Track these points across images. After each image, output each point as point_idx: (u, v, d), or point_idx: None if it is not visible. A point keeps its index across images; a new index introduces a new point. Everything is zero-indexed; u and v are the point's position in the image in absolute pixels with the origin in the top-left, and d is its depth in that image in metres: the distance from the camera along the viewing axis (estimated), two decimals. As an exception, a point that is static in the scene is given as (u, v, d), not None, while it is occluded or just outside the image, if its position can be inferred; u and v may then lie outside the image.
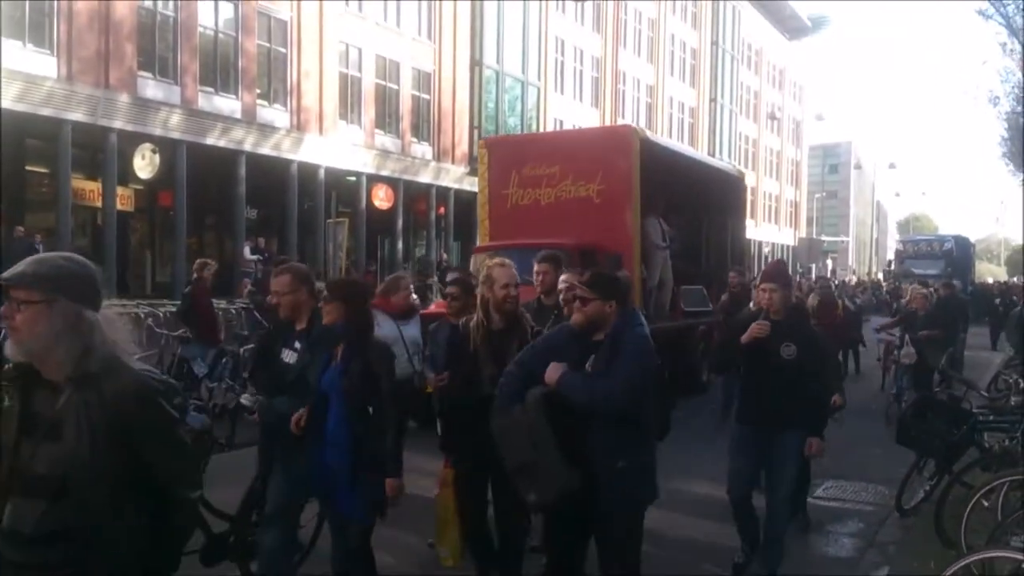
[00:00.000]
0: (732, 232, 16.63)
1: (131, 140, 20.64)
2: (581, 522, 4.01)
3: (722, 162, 28.58)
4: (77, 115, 19.04)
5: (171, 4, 21.47)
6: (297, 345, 4.86)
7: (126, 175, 20.97)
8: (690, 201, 14.89)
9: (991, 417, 7.36)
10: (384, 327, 6.20)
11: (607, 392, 3.80)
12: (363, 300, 4.67)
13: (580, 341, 4.04)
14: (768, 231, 61.56)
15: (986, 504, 5.55)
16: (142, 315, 16.67)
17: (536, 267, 6.25)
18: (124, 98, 20.11)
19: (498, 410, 4.03)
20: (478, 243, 13.88)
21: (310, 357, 4.69)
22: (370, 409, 4.34)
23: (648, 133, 15.13)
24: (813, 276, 43.40)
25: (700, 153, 33.56)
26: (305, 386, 4.58)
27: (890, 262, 46.35)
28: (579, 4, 37.50)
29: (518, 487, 3.90)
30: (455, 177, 31.10)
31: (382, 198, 28.20)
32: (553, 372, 3.88)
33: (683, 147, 29.24)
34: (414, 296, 7.71)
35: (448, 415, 5.29)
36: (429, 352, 5.58)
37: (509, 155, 13.72)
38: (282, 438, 4.68)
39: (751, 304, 5.72)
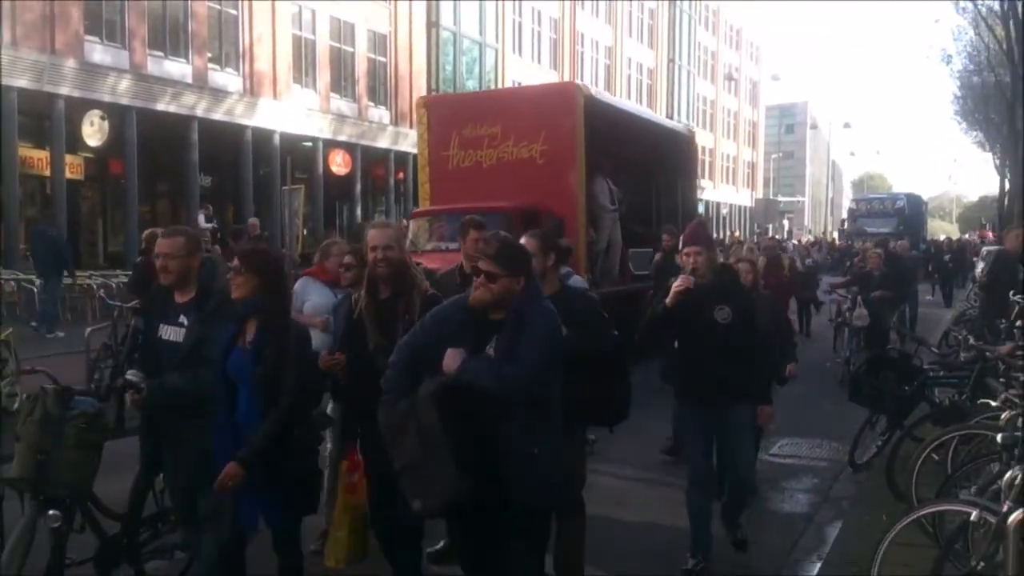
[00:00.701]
0: (683, 193, 16.35)
1: (79, 107, 20.12)
2: (492, 523, 3.63)
3: (672, 121, 28.36)
4: (22, 81, 18.50)
5: (117, -34, 20.90)
6: (183, 319, 4.30)
7: (75, 143, 20.48)
8: (639, 161, 14.62)
9: (941, 373, 7.51)
10: (317, 296, 5.91)
11: (516, 377, 3.44)
12: (279, 274, 4.25)
13: (477, 320, 3.62)
14: (726, 192, 61.95)
15: (936, 458, 5.66)
16: (95, 286, 16.50)
17: (474, 234, 5.87)
18: (71, 63, 19.58)
19: (384, 403, 3.64)
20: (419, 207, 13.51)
21: (203, 331, 4.18)
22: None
23: (593, 90, 14.56)
24: (769, 235, 43.98)
25: (649, 111, 32.98)
26: (201, 364, 4.10)
27: (843, 221, 46.80)
28: (535, -36, 37.16)
29: (403, 489, 3.54)
30: (413, 141, 30.61)
31: (339, 164, 27.89)
32: (452, 360, 3.51)
33: (631, 105, 28.43)
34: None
35: (347, 399, 4.78)
36: (333, 329, 5.01)
37: (449, 115, 13.29)
38: (174, 422, 4.23)
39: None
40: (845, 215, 48.56)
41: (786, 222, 67.59)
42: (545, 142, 12.12)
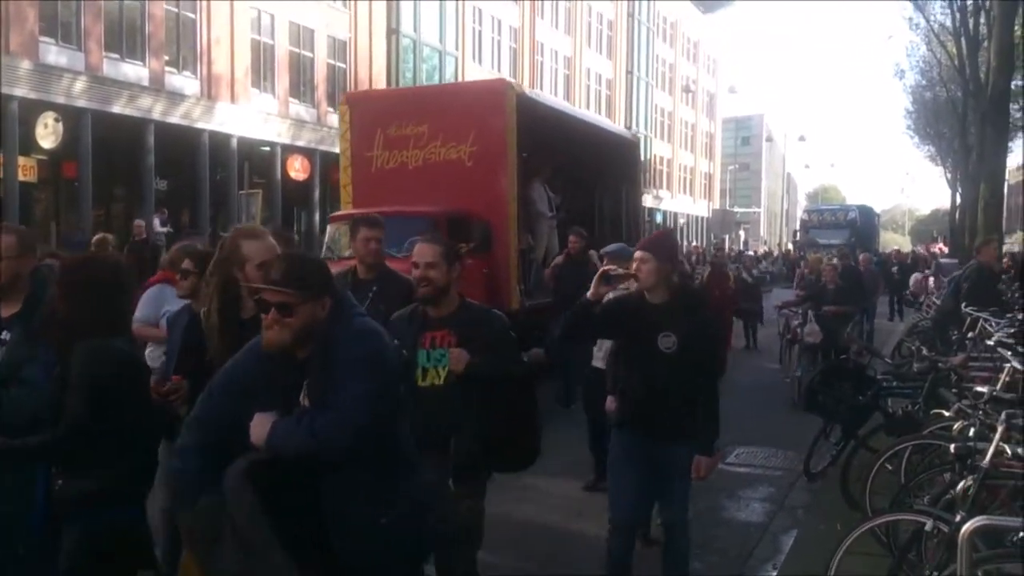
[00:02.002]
0: (628, 200, 15.63)
1: (33, 108, 19.79)
2: None
3: (616, 125, 27.96)
4: (-26, 81, 18.18)
5: (73, -34, 20.61)
6: (5, 335, 3.64)
7: (28, 145, 20.10)
8: (580, 166, 14.16)
9: (895, 383, 7.61)
10: (174, 305, 4.83)
11: (333, 428, 2.62)
12: (80, 284, 3.33)
13: (283, 365, 2.82)
14: (683, 203, 62.49)
15: (890, 468, 5.74)
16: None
17: (364, 232, 5.22)
18: (25, 64, 19.27)
19: (180, 505, 2.85)
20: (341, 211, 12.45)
21: (28, 352, 3.45)
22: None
23: (528, 89, 13.88)
24: (726, 248, 44.31)
25: (591, 114, 31.98)
26: (27, 389, 3.38)
27: (796, 232, 47.09)
28: (496, -27, 37.24)
29: None
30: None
31: (297, 169, 27.70)
32: (260, 428, 2.71)
33: (571, 107, 27.49)
34: None
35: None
36: (167, 349, 4.18)
37: (373, 113, 12.32)
38: None
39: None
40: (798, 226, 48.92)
41: (742, 233, 68.33)
42: (474, 143, 11.33)
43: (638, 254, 4.46)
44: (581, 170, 14.30)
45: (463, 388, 3.92)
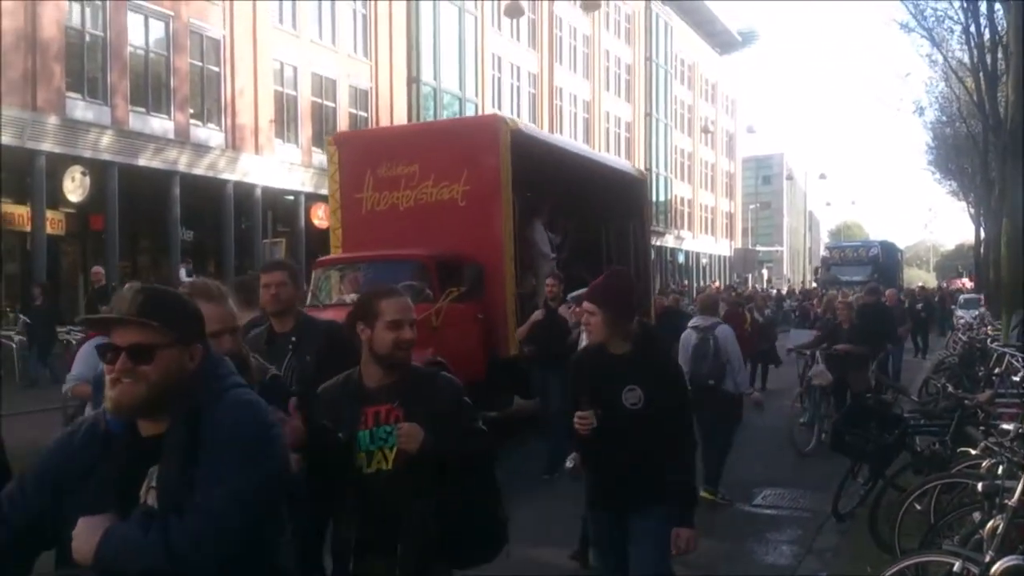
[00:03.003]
0: (635, 237, 15.06)
1: (60, 162, 20.14)
2: None
3: (622, 161, 26.87)
4: (3, 138, 18.48)
5: (99, 23, 21.05)
6: None
7: (56, 198, 20.44)
8: (583, 204, 13.79)
9: (922, 421, 7.54)
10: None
11: (198, 540, 1.97)
12: None
13: (124, 445, 2.12)
14: (705, 242, 62.46)
15: (918, 507, 5.68)
16: (74, 341, 16.41)
17: (263, 279, 4.49)
18: (52, 120, 19.63)
19: None
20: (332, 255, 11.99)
21: None
22: None
23: (523, 124, 13.21)
24: (749, 287, 44.01)
25: (593, 151, 30.93)
26: None
27: (817, 269, 46.55)
28: (514, 21, 37.68)
29: None
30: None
31: (321, 217, 27.87)
32: (87, 537, 2.00)
33: (570, 142, 26.40)
34: None
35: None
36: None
37: (362, 153, 11.82)
38: None
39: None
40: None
41: (765, 271, 68.13)
42: (467, 182, 10.79)
43: (585, 305, 4.03)
44: (584, 208, 13.89)
45: (415, 472, 3.05)
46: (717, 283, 48.83)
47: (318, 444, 3.00)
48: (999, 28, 24.45)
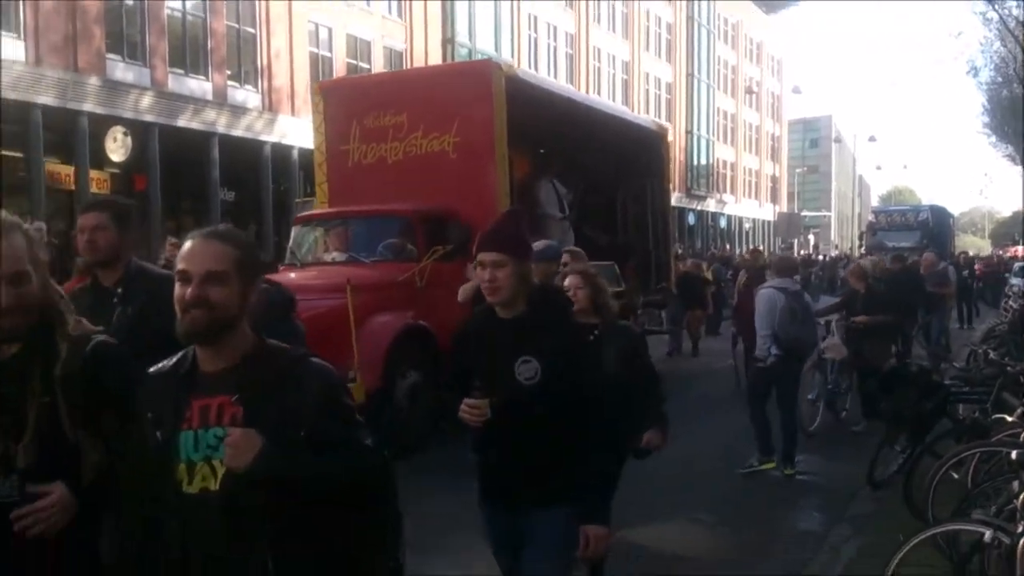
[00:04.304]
0: (654, 197, 14.18)
1: (102, 123, 20.38)
2: None
3: (640, 115, 25.63)
4: (47, 98, 18.79)
5: (138, -15, 21.17)
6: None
7: (100, 158, 20.73)
8: (596, 160, 13.07)
9: (965, 388, 7.35)
10: None
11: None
12: None
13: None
14: (749, 207, 61.70)
15: (955, 476, 5.53)
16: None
17: (79, 222, 3.78)
18: (93, 81, 19.83)
19: None
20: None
21: None
22: None
23: (522, 71, 12.16)
24: (795, 252, 43.30)
25: (605, 101, 28.74)
26: None
27: (862, 235, 45.16)
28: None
29: None
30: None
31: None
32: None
33: (578, 92, 24.58)
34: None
35: None
36: None
37: (348, 102, 10.98)
38: None
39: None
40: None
41: (811, 237, 67.16)
42: (458, 133, 9.99)
43: (489, 256, 3.13)
44: (597, 165, 13.13)
45: (248, 501, 2.05)
46: (761, 247, 48.24)
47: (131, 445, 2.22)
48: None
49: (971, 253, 38.51)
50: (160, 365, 2.26)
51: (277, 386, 2.12)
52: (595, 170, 13.23)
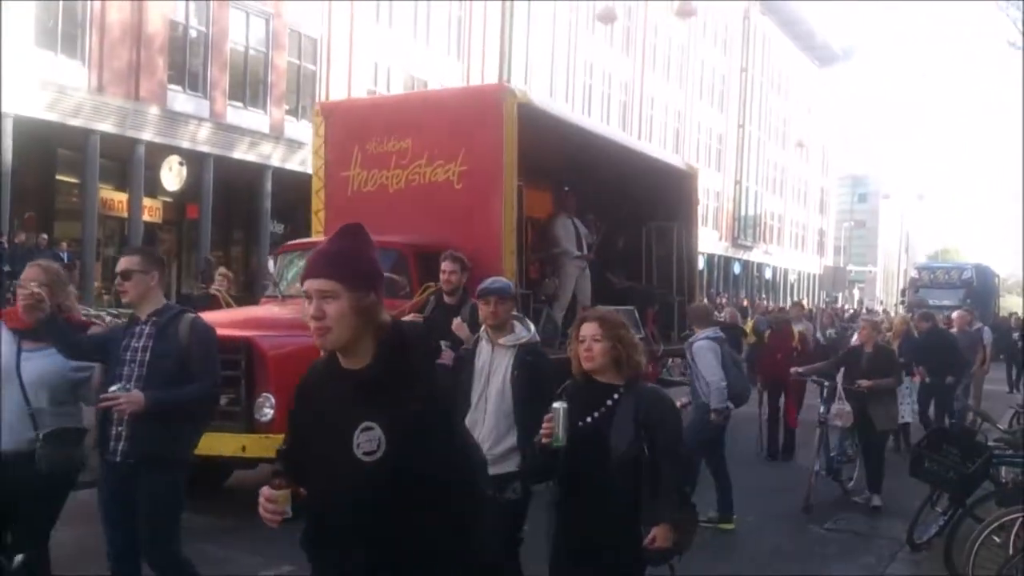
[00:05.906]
0: (680, 240, 13.31)
1: (159, 152, 20.87)
2: None
3: (668, 154, 24.48)
4: (106, 126, 19.26)
5: (203, 19, 21.74)
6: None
7: (154, 187, 21.20)
8: (618, 199, 12.53)
9: (1008, 451, 7.24)
10: None
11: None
12: None
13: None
14: (794, 258, 61.26)
15: (997, 540, 5.45)
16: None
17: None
18: (153, 110, 20.34)
19: None
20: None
21: None
22: None
23: (537, 99, 11.07)
24: (840, 305, 42.60)
25: (631, 138, 27.46)
26: None
27: (903, 291, 43.65)
28: (609, 27, 37.55)
29: None
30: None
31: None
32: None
33: (599, 125, 23.62)
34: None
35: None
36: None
37: (350, 125, 10.32)
38: None
39: None
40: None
41: (857, 291, 66.38)
42: (465, 161, 9.27)
43: (315, 284, 2.29)
44: (621, 203, 12.56)
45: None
46: (805, 300, 47.72)
47: None
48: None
49: (1021, 315, 37.67)
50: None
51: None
52: (618, 208, 12.71)
